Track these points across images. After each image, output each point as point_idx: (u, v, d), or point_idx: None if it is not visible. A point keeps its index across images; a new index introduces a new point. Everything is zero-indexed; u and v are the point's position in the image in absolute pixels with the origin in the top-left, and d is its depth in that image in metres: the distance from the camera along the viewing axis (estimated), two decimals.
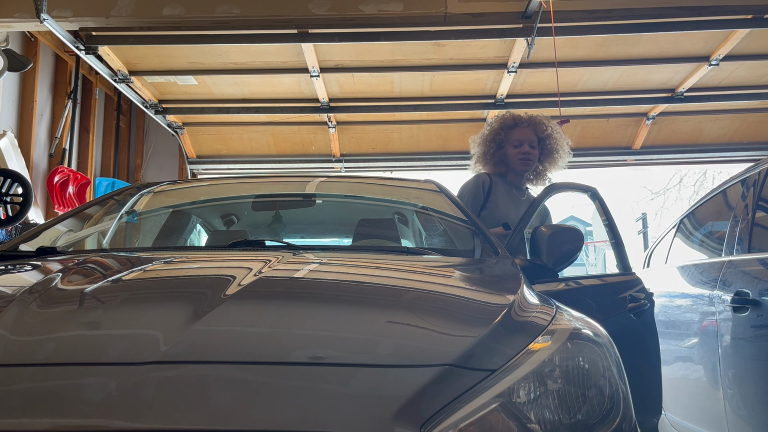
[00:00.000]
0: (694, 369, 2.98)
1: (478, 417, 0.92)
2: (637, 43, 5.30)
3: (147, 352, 0.95)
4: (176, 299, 1.24)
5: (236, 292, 1.19)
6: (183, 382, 0.90)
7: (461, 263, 1.78)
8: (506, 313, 1.18)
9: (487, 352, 1.04)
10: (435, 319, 1.20)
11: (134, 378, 0.89)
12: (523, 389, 0.99)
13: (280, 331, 1.07)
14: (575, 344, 1.12)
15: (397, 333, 1.11)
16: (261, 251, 1.79)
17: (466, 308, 1.30)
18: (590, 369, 1.09)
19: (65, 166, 5.72)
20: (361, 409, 0.88)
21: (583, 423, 1.00)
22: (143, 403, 0.86)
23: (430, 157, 7.24)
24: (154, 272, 1.52)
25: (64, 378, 0.91)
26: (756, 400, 2.51)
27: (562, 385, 1.03)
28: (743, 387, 2.59)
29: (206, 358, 0.95)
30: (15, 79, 5.26)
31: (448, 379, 0.96)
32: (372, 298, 1.30)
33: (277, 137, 7.10)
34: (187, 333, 0.99)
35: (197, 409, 0.86)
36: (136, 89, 5.91)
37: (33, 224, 4.87)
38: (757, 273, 2.63)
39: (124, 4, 4.54)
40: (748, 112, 6.89)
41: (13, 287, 1.34)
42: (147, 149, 7.20)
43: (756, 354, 2.50)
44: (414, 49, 5.26)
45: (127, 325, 1.09)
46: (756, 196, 2.85)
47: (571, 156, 3.55)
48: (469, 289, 1.48)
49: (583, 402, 1.03)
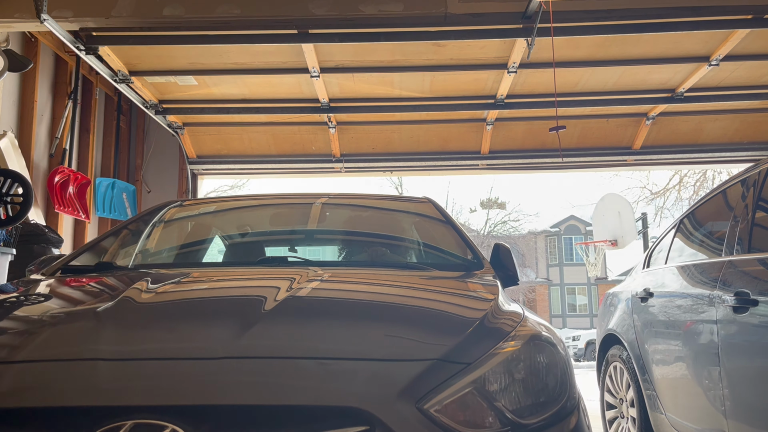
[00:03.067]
0: (694, 369, 2.98)
1: (457, 397, 1.28)
2: (637, 43, 5.30)
3: (220, 349, 1.30)
4: (234, 308, 1.60)
5: (279, 302, 1.57)
6: (247, 371, 1.26)
7: (451, 277, 2.17)
8: (483, 318, 1.55)
9: (466, 349, 1.39)
10: (428, 324, 1.58)
11: (212, 369, 1.25)
12: (492, 377, 1.34)
13: (313, 334, 1.42)
14: (535, 344, 1.47)
15: (399, 335, 1.48)
16: (286, 267, 2.21)
17: (451, 315, 1.66)
18: (546, 363, 1.44)
19: (65, 166, 5.73)
20: (374, 390, 1.24)
21: (539, 403, 1.36)
22: (220, 386, 1.21)
23: (430, 157, 7.25)
24: (212, 285, 1.94)
25: (164, 369, 1.27)
26: (756, 400, 2.51)
27: (524, 375, 1.38)
28: (743, 387, 2.59)
29: (261, 355, 1.32)
30: (15, 79, 5.26)
31: (436, 369, 1.31)
32: (380, 308, 1.68)
33: (277, 137, 7.11)
34: (245, 337, 1.35)
35: (259, 390, 1.21)
36: (137, 89, 5.91)
37: (33, 224, 4.87)
38: (757, 273, 2.63)
39: (125, 5, 4.54)
40: (748, 112, 6.89)
41: (100, 296, 1.74)
42: (147, 149, 7.21)
43: (755, 354, 2.50)
44: (414, 49, 5.26)
45: (202, 329, 1.45)
46: (756, 196, 2.85)
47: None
48: (456, 298, 1.87)
49: (539, 387, 1.38)
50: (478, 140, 7.13)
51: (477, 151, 7.22)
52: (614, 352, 4.06)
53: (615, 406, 4.09)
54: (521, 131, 7.12)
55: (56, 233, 5.13)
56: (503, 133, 7.10)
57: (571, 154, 7.15)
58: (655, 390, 3.44)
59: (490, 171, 7.72)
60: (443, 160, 7.28)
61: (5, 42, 4.88)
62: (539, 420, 1.33)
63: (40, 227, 4.94)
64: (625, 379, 3.87)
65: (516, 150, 7.25)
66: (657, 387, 3.42)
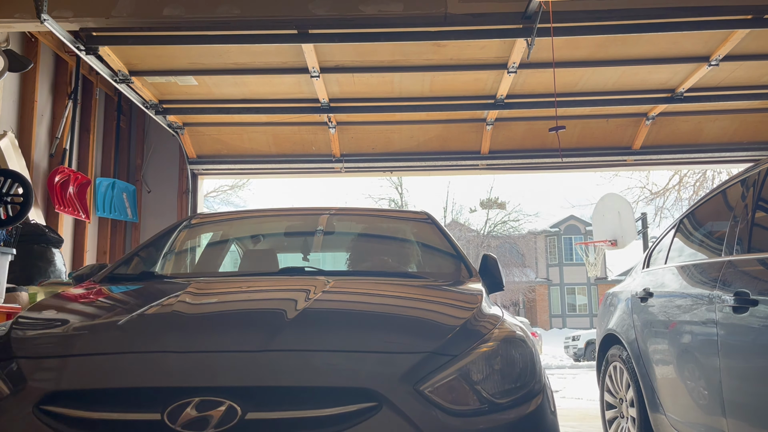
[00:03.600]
0: (694, 369, 2.99)
1: (446, 381, 1.63)
2: (637, 43, 5.30)
3: (262, 343, 1.66)
4: (270, 309, 1.99)
5: (306, 306, 1.93)
6: (284, 360, 1.61)
7: (443, 284, 2.53)
8: (468, 320, 1.89)
9: (454, 344, 1.74)
10: (423, 324, 1.98)
11: (257, 358, 1.61)
12: (474, 367, 1.68)
13: (334, 331, 1.79)
14: (509, 342, 1.81)
15: (400, 332, 1.86)
16: (304, 277, 2.58)
17: (443, 317, 2.02)
18: (517, 357, 1.78)
19: (66, 166, 5.73)
20: (381, 375, 1.59)
21: (511, 387, 1.70)
22: (263, 372, 1.57)
23: (430, 157, 7.25)
24: (249, 291, 2.32)
25: (220, 358, 1.62)
26: (756, 400, 2.51)
27: (500, 366, 1.73)
28: (743, 387, 2.59)
29: (294, 348, 1.66)
30: (15, 79, 5.26)
31: (430, 359, 1.66)
32: (385, 310, 2.07)
33: (277, 137, 7.11)
34: (281, 334, 1.71)
35: (294, 374, 1.57)
36: (137, 89, 5.91)
37: (33, 224, 4.87)
38: (757, 273, 2.64)
39: (125, 5, 4.54)
40: (748, 112, 6.89)
41: (159, 299, 2.04)
42: (147, 149, 7.21)
43: (755, 354, 2.51)
44: (414, 49, 5.26)
45: (247, 326, 1.82)
46: (756, 196, 2.86)
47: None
48: (446, 303, 2.23)
49: (511, 375, 1.73)
50: (478, 140, 7.14)
51: (477, 151, 7.22)
52: (614, 352, 4.06)
53: (615, 406, 4.09)
54: (521, 131, 7.12)
55: (56, 233, 5.14)
56: (503, 133, 7.10)
57: (571, 154, 7.15)
58: (655, 390, 3.45)
59: (490, 171, 7.72)
60: (443, 160, 7.28)
61: (5, 42, 4.89)
62: (510, 400, 1.68)
63: (40, 227, 4.94)
64: (625, 379, 3.87)
65: (516, 150, 7.25)
66: (657, 387, 3.42)
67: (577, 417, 7.25)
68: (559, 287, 36.38)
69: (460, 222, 35.92)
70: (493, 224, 35.51)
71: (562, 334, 29.15)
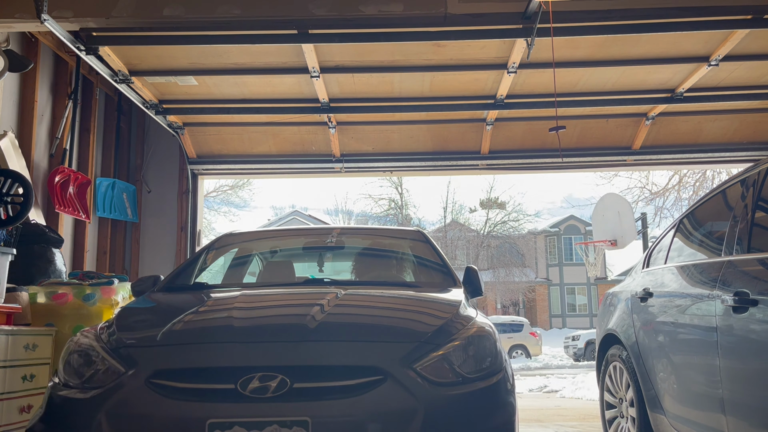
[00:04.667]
0: (694, 368, 2.99)
1: (433, 362, 2.27)
2: (637, 43, 5.31)
3: (299, 336, 2.32)
4: (304, 310, 2.59)
5: (331, 307, 2.64)
6: (318, 347, 2.27)
7: (433, 291, 3.17)
8: (449, 319, 2.58)
9: (438, 336, 2.41)
10: (417, 321, 2.68)
11: (299, 346, 2.27)
12: (453, 353, 2.34)
13: (352, 326, 2.51)
14: (478, 334, 2.48)
15: (400, 327, 2.61)
16: (324, 286, 3.25)
17: (431, 316, 2.68)
18: (484, 345, 2.44)
19: (66, 166, 5.73)
20: (387, 357, 2.24)
21: (479, 368, 2.35)
22: (304, 355, 2.24)
23: (430, 157, 7.25)
24: (286, 294, 3.11)
25: (273, 346, 2.30)
26: (755, 400, 2.52)
27: (471, 352, 2.38)
28: (743, 387, 2.59)
29: (325, 339, 2.32)
30: (15, 79, 5.26)
31: (421, 347, 2.32)
32: (388, 310, 2.85)
33: (277, 137, 7.11)
34: (314, 329, 2.37)
35: (325, 356, 2.24)
36: (137, 89, 5.92)
37: (33, 224, 4.88)
38: (757, 273, 2.64)
39: (125, 5, 4.54)
40: (748, 112, 6.90)
41: (219, 303, 2.87)
42: (147, 149, 7.21)
43: (755, 354, 2.51)
44: (414, 49, 5.27)
45: (289, 322, 2.54)
46: (755, 196, 2.86)
47: None
48: (435, 305, 2.89)
49: (478, 358, 2.38)
50: (478, 140, 7.14)
51: (477, 151, 7.23)
52: (614, 352, 4.06)
53: (615, 406, 4.09)
54: (521, 131, 7.12)
55: (56, 233, 5.14)
56: (503, 133, 7.11)
57: (571, 154, 7.15)
58: (654, 390, 3.45)
59: (490, 171, 7.73)
60: (443, 160, 7.29)
61: (6, 42, 4.89)
62: (477, 375, 2.34)
63: (41, 227, 4.94)
64: (625, 378, 3.87)
65: (516, 150, 7.26)
66: (657, 387, 3.42)
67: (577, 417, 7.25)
68: (559, 287, 36.38)
69: (460, 222, 35.91)
70: (493, 224, 35.49)
71: (562, 334, 29.15)
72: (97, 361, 2.27)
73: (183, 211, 7.12)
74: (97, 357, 2.29)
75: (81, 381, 2.23)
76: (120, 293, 4.01)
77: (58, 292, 3.89)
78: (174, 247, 7.07)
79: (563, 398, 10.28)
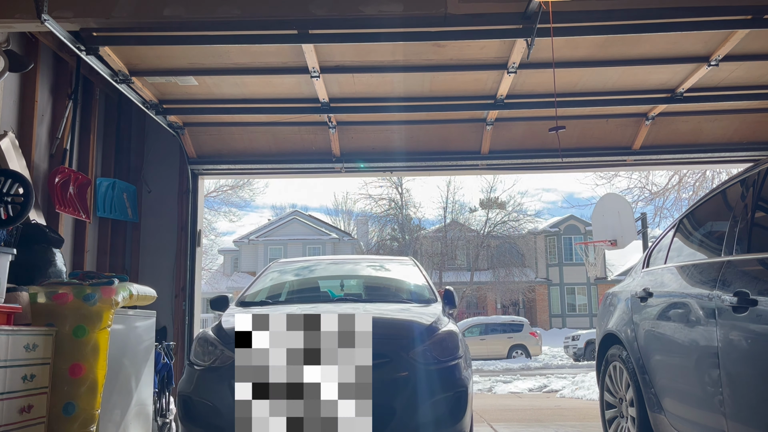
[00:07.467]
0: (694, 368, 2.99)
1: (419, 351, 3.74)
2: (637, 43, 5.31)
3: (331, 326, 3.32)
4: (332, 305, 4.46)
5: (341, 311, 4.01)
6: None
7: (420, 305, 4.61)
8: (430, 323, 4.02)
9: (422, 334, 3.86)
10: (408, 325, 4.04)
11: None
12: (432, 346, 3.81)
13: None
14: (448, 334, 3.96)
15: (398, 328, 4.00)
16: (342, 301, 4.78)
17: (417, 322, 4.03)
18: (452, 341, 3.93)
19: (66, 166, 5.73)
20: (391, 347, 3.71)
21: (448, 356, 3.82)
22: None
23: (430, 157, 7.26)
24: (322, 302, 4.83)
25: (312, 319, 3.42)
26: (755, 400, 2.52)
27: (444, 346, 3.86)
28: (743, 386, 2.60)
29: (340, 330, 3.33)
30: (16, 79, 5.26)
31: (410, 342, 3.79)
32: (387, 316, 4.15)
33: (277, 137, 7.12)
34: (336, 315, 3.28)
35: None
36: (137, 89, 5.92)
37: (34, 224, 4.87)
38: (757, 273, 2.64)
39: (125, 5, 4.54)
40: (748, 112, 6.90)
41: (283, 310, 4.40)
42: (147, 149, 7.21)
43: (755, 354, 2.51)
44: (414, 49, 5.27)
45: (328, 310, 4.15)
46: (755, 196, 2.86)
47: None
48: (421, 314, 4.22)
49: (448, 350, 3.86)
50: (478, 140, 7.14)
51: (477, 151, 7.23)
52: (614, 352, 4.07)
53: (615, 406, 4.09)
54: (521, 131, 7.12)
55: (57, 233, 5.14)
56: (503, 133, 7.11)
57: (571, 154, 7.15)
58: (654, 389, 3.45)
59: (490, 171, 7.73)
60: (443, 160, 7.29)
61: (6, 42, 4.88)
62: (446, 359, 3.77)
63: (41, 227, 4.94)
64: (625, 378, 3.88)
65: (516, 150, 7.26)
66: (657, 386, 3.42)
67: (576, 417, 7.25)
68: (559, 287, 36.39)
69: (460, 222, 35.91)
70: (493, 224, 35.49)
71: (561, 334, 29.14)
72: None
73: (183, 211, 7.12)
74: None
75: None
76: (120, 293, 3.99)
77: (58, 292, 3.88)
78: (174, 247, 7.07)
79: (563, 398, 10.28)
